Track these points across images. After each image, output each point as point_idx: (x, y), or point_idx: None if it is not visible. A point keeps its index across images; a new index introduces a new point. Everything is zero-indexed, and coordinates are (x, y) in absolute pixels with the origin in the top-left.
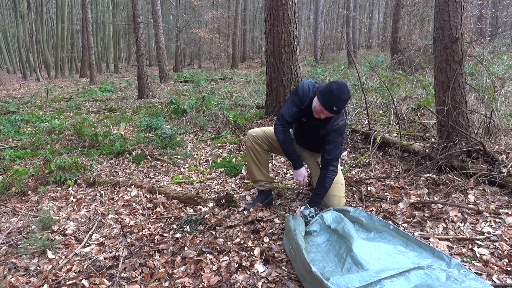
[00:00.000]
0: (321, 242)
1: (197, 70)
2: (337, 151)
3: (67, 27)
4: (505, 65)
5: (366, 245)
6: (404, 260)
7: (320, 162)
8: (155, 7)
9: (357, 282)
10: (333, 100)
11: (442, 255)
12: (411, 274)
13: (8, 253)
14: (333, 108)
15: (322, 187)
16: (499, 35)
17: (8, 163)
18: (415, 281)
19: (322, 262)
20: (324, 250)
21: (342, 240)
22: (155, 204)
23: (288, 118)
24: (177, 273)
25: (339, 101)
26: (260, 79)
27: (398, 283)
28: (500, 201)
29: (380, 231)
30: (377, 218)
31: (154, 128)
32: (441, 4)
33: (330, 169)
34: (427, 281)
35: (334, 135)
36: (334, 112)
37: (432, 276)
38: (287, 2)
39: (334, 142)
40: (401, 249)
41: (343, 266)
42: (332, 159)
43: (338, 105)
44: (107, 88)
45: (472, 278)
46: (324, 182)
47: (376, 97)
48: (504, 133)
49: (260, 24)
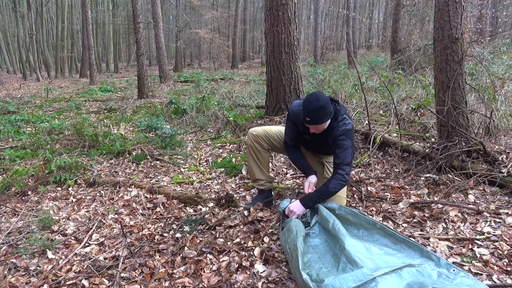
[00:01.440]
0: (319, 244)
1: (197, 70)
2: (347, 155)
3: (67, 27)
4: (505, 65)
5: (358, 244)
6: (395, 260)
7: (323, 161)
8: (155, 7)
9: (352, 282)
10: (305, 112)
11: (431, 255)
12: (403, 271)
13: (8, 253)
14: (306, 119)
15: (326, 189)
16: (499, 35)
17: (8, 163)
18: (408, 279)
19: (319, 263)
20: (321, 251)
21: (335, 239)
22: (155, 204)
23: (290, 142)
24: (177, 273)
25: (308, 111)
26: (260, 79)
27: (391, 281)
28: (500, 201)
29: (368, 229)
30: (363, 216)
31: (154, 128)
32: (441, 4)
33: (339, 172)
34: (419, 279)
35: (342, 137)
36: (312, 123)
37: (424, 274)
38: (287, 2)
39: (343, 146)
40: (389, 251)
41: (338, 266)
42: (341, 163)
43: (310, 115)
44: (107, 88)
45: (463, 276)
46: (330, 184)
47: (376, 97)
48: (504, 133)
49: (260, 24)
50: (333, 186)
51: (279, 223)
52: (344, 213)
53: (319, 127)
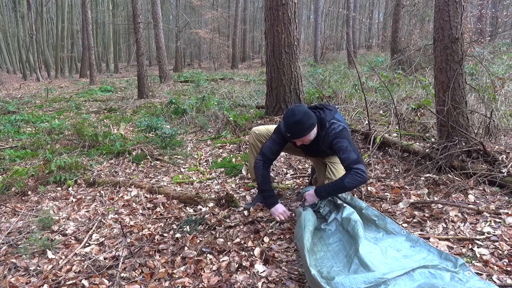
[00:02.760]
0: (333, 242)
1: (197, 70)
2: (350, 154)
3: (67, 27)
4: (505, 65)
5: (373, 248)
6: (411, 264)
7: (325, 161)
8: (155, 7)
9: (362, 283)
10: (284, 128)
11: (449, 256)
12: (416, 272)
13: (8, 253)
14: (287, 135)
15: (341, 183)
16: (499, 35)
17: (8, 163)
18: (420, 280)
19: (331, 261)
20: (335, 250)
21: (352, 240)
22: (155, 204)
23: (270, 155)
24: (177, 273)
25: (287, 127)
26: (260, 79)
27: (403, 283)
28: (500, 201)
29: (389, 233)
30: (390, 220)
31: (154, 128)
32: (441, 4)
33: (353, 171)
34: (431, 280)
35: (336, 141)
36: (294, 136)
37: (436, 276)
38: (287, 2)
39: (341, 148)
40: (408, 252)
41: (350, 267)
42: (350, 163)
43: (289, 131)
44: (107, 88)
45: (477, 280)
46: (345, 178)
47: (376, 97)
48: (504, 133)
49: (260, 24)
50: (348, 180)
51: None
52: (370, 214)
53: (304, 140)
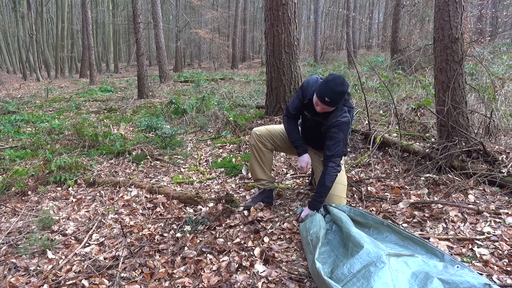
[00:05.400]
0: (333, 238)
1: (197, 70)
2: (338, 148)
3: (67, 27)
4: (505, 65)
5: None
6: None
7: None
8: (155, 7)
9: (358, 264)
10: (326, 90)
11: (435, 250)
12: (409, 260)
13: (8, 253)
14: (325, 99)
15: (323, 186)
16: (499, 35)
17: (8, 163)
18: (413, 268)
19: (333, 256)
20: (335, 245)
21: (346, 231)
22: (155, 204)
23: (292, 111)
24: (177, 273)
25: (331, 92)
26: (260, 79)
27: (399, 266)
28: (500, 201)
29: (377, 228)
30: (371, 217)
31: (154, 128)
32: (441, 4)
33: (330, 165)
34: (424, 268)
35: (334, 130)
36: (327, 103)
37: (429, 264)
38: (287, 2)
39: (335, 138)
40: (396, 247)
41: (348, 253)
42: (333, 155)
43: (330, 96)
44: (107, 88)
45: (467, 272)
46: (324, 180)
47: (376, 97)
48: (504, 133)
49: (260, 24)
50: (329, 180)
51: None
52: (353, 215)
53: (328, 108)
